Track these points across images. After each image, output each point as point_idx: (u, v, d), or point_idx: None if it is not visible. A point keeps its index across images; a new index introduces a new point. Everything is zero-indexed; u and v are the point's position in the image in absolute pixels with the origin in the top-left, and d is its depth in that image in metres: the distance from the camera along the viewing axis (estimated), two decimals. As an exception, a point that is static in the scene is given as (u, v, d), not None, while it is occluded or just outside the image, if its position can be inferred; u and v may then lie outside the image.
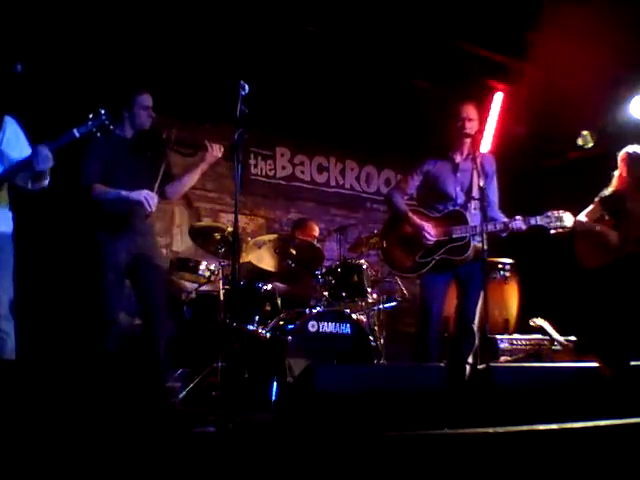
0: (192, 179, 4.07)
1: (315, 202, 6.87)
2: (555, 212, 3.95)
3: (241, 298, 4.62)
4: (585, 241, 4.68)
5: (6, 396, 1.92)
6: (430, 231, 4.03)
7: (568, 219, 3.95)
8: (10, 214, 3.27)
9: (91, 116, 3.24)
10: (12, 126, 3.30)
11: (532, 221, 3.96)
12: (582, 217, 4.70)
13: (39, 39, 4.44)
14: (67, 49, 4.66)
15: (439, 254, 4.04)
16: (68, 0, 4.46)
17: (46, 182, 3.29)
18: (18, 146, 3.29)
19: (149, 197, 3.68)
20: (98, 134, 3.27)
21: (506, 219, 4.02)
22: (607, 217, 4.63)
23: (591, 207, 4.73)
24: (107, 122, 3.26)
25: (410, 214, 4.16)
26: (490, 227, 3.87)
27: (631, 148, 4.66)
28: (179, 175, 4.07)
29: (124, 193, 3.69)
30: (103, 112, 3.25)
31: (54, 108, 4.52)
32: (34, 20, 4.42)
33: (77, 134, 3.21)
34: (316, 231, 5.70)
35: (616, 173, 4.70)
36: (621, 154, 4.68)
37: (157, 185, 3.79)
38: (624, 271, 4.46)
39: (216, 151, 3.90)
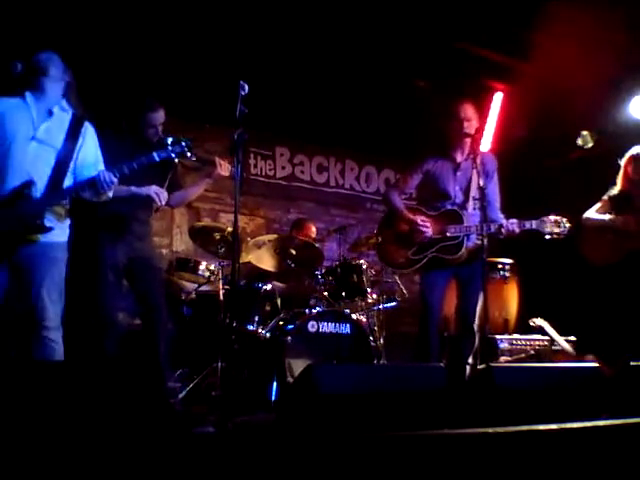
0: (196, 192, 4.18)
1: (315, 202, 6.87)
2: (551, 217, 3.95)
3: (241, 298, 4.62)
4: (595, 237, 4.64)
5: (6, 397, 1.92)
6: (425, 224, 4.04)
7: (564, 224, 3.95)
8: (68, 221, 3.27)
9: (171, 141, 3.34)
10: (90, 133, 3.32)
11: (527, 225, 3.96)
12: (591, 213, 4.67)
13: (44, 41, 4.44)
14: (69, 49, 4.66)
15: (431, 252, 4.06)
16: (69, 2, 4.47)
17: (110, 195, 3.31)
18: (94, 154, 3.32)
19: (159, 191, 3.73)
20: (176, 160, 3.42)
21: (503, 221, 4.02)
22: (615, 215, 4.60)
23: (599, 204, 4.69)
24: (187, 151, 3.38)
25: (405, 211, 4.18)
26: (485, 228, 3.87)
27: (636, 149, 4.64)
28: (185, 185, 4.16)
29: (134, 189, 3.73)
30: (183, 141, 3.37)
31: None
32: (38, 22, 4.42)
33: (157, 159, 3.32)
34: (313, 232, 5.72)
35: (620, 174, 4.67)
36: (626, 157, 4.66)
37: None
38: (630, 268, 4.43)
39: (224, 170, 3.96)
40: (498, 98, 6.36)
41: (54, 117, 3.22)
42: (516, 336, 5.37)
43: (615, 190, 4.67)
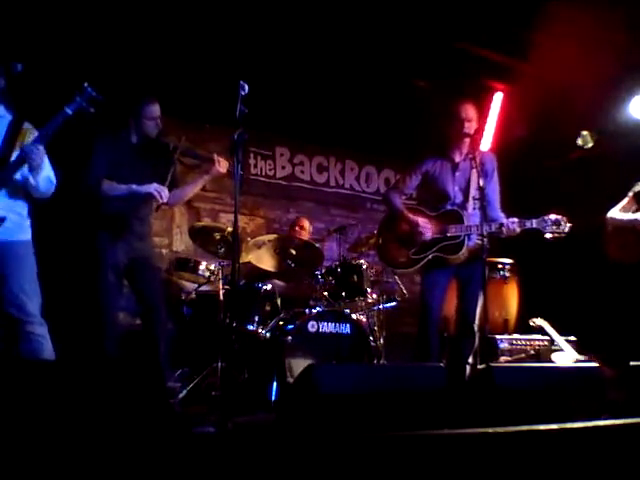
0: (194, 189, 4.16)
1: (315, 202, 6.87)
2: (552, 216, 3.95)
3: (241, 298, 4.61)
4: (619, 236, 4.61)
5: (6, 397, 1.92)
6: (426, 225, 4.05)
7: (564, 224, 3.95)
8: (28, 222, 3.26)
9: (77, 92, 3.21)
10: (31, 132, 3.27)
11: (528, 224, 3.96)
12: (615, 212, 4.64)
13: (42, 41, 4.44)
14: (68, 50, 4.66)
15: (432, 252, 4.06)
16: (70, 2, 4.47)
17: (49, 173, 3.24)
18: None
19: (160, 189, 3.73)
20: (91, 109, 3.23)
21: (504, 220, 4.02)
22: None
23: (625, 201, 4.63)
24: (94, 94, 3.22)
25: (405, 211, 4.19)
26: (486, 228, 3.87)
27: None
28: (182, 184, 4.14)
29: (134, 187, 3.74)
30: (86, 85, 3.22)
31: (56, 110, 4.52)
32: (37, 21, 4.41)
33: (69, 111, 3.18)
34: (306, 225, 5.75)
35: None
36: None
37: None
38: None
39: (222, 167, 3.95)
40: (498, 98, 6.37)
41: None
42: (516, 336, 5.37)
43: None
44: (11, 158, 3.17)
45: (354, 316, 4.67)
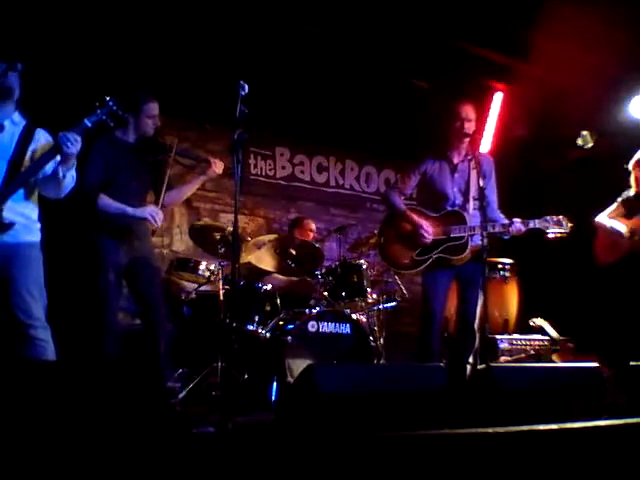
0: (190, 190, 4.15)
1: (315, 202, 6.87)
2: (554, 217, 3.98)
3: (241, 298, 4.62)
4: (602, 238, 4.68)
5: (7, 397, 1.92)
6: (428, 229, 4.06)
7: (566, 224, 3.97)
8: (38, 225, 3.25)
9: (98, 104, 3.19)
10: (43, 135, 3.25)
11: (531, 224, 3.98)
12: (603, 217, 4.70)
13: (41, 41, 4.44)
14: (68, 50, 4.66)
15: (436, 252, 4.07)
16: (70, 2, 4.47)
17: (73, 172, 3.21)
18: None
19: (154, 213, 3.71)
20: (111, 123, 3.22)
21: (506, 221, 4.03)
22: (629, 217, 4.62)
23: (613, 207, 4.72)
24: (115, 108, 3.20)
25: (408, 212, 4.19)
26: (489, 228, 3.87)
27: None
28: (178, 184, 4.13)
29: (129, 210, 3.72)
30: (109, 99, 3.20)
31: (57, 111, 4.52)
32: (37, 21, 4.41)
33: (89, 124, 3.14)
34: (312, 228, 5.74)
35: (632, 178, 4.69)
36: (633, 161, 4.68)
37: (162, 195, 3.81)
38: (631, 268, 4.46)
39: (218, 168, 3.96)
40: (498, 98, 6.37)
41: (5, 131, 3.16)
42: (516, 336, 5.37)
43: (630, 192, 4.69)
44: (25, 159, 3.14)
45: (354, 316, 4.67)
